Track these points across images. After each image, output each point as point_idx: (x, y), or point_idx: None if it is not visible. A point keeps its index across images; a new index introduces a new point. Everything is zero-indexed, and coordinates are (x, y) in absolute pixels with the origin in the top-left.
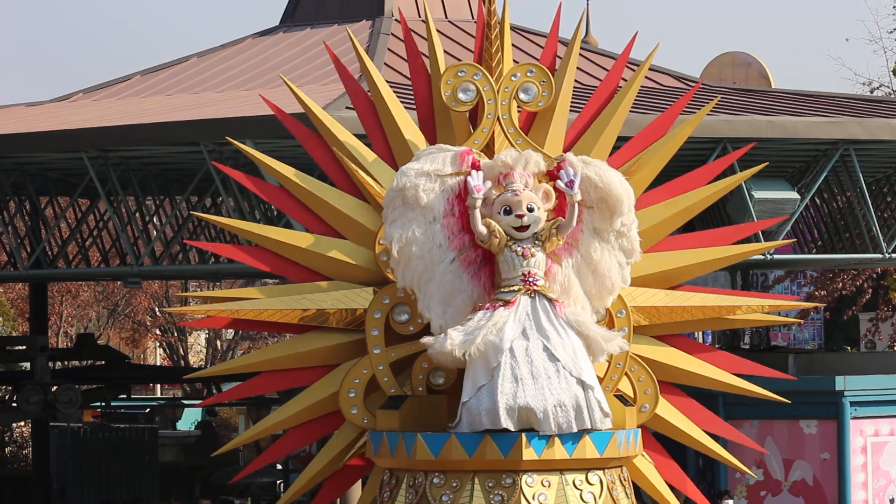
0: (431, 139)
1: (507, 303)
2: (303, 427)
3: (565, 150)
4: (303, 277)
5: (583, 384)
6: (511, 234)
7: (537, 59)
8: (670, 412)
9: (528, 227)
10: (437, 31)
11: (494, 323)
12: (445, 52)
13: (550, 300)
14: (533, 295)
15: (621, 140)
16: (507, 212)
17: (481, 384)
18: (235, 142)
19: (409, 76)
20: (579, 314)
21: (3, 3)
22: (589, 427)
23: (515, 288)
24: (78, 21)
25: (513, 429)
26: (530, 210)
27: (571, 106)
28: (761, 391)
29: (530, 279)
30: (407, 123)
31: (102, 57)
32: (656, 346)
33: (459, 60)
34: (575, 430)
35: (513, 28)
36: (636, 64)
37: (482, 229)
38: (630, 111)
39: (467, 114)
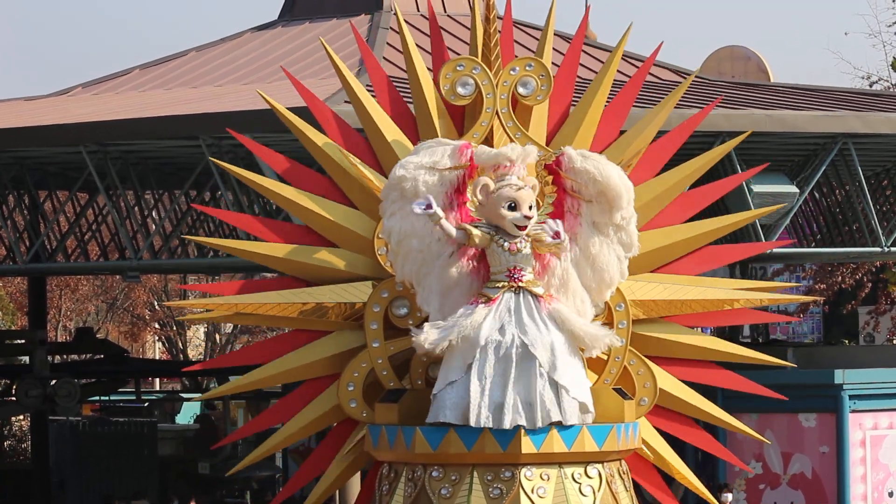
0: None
1: (488, 299)
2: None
3: (546, 142)
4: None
5: (555, 384)
6: (509, 229)
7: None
8: (676, 386)
9: (526, 226)
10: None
11: (472, 320)
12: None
13: (536, 296)
14: (518, 291)
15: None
16: (512, 208)
17: (452, 379)
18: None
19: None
20: (563, 310)
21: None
22: (540, 425)
23: (500, 284)
24: (77, 14)
25: (474, 425)
26: (530, 208)
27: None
28: (762, 356)
29: (515, 275)
30: (388, 125)
31: (101, 51)
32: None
33: (458, 55)
34: (536, 426)
35: (517, 24)
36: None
37: (457, 233)
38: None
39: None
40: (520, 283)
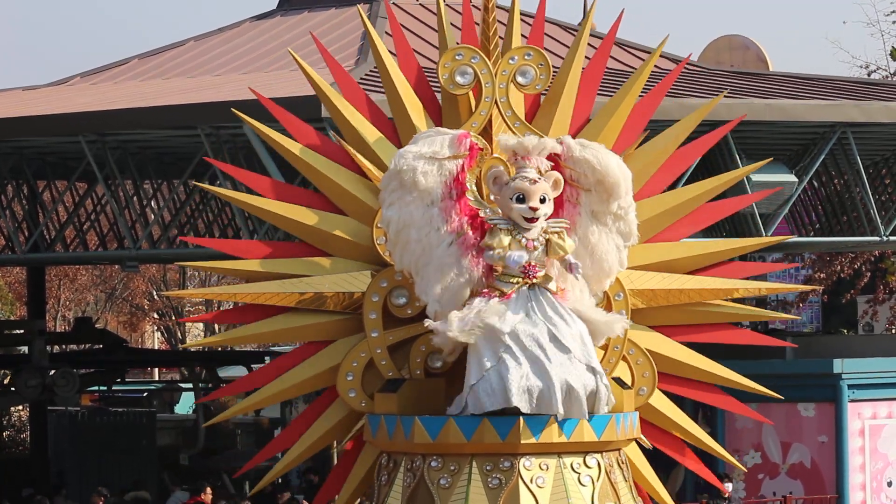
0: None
1: (503, 294)
2: (305, 418)
3: (574, 136)
4: (301, 252)
5: (593, 370)
6: (518, 221)
7: (546, 47)
8: (664, 404)
9: (537, 219)
10: (433, 13)
11: (496, 308)
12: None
13: (552, 293)
14: (532, 287)
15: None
16: (521, 200)
17: (488, 366)
18: (241, 114)
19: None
20: (579, 302)
21: None
22: (598, 412)
23: (514, 280)
24: (75, 3)
25: (525, 409)
26: (542, 201)
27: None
28: (755, 386)
29: (530, 271)
30: (415, 106)
31: (100, 40)
32: (647, 332)
33: (457, 44)
34: (586, 417)
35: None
36: (644, 50)
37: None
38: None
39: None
40: (534, 280)
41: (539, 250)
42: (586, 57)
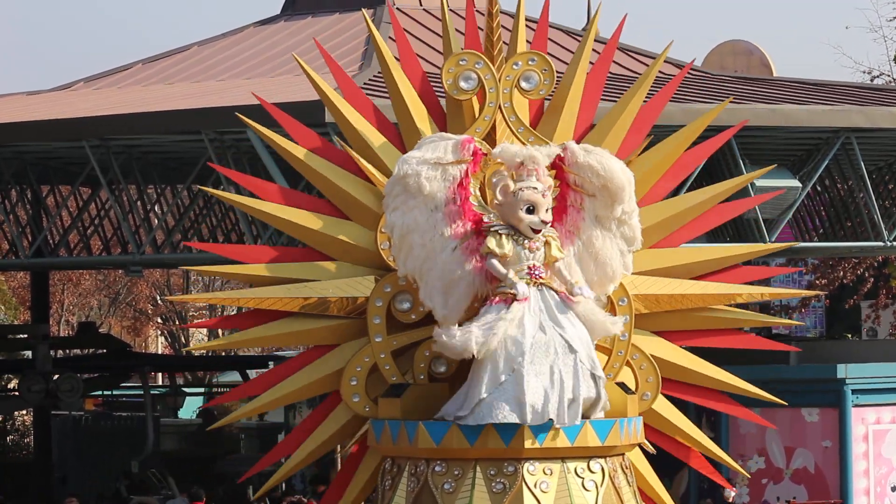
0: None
1: (515, 297)
2: (308, 423)
3: (578, 141)
4: (306, 257)
5: (595, 378)
6: (525, 231)
7: (550, 53)
8: (668, 410)
9: (542, 230)
10: (437, 19)
11: (513, 318)
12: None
13: (557, 291)
14: (540, 287)
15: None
16: (530, 211)
17: (503, 380)
18: (245, 119)
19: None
20: (584, 302)
21: None
22: (593, 417)
23: (522, 281)
24: (79, 8)
25: (531, 423)
26: (547, 211)
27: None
28: (758, 392)
29: (536, 272)
30: (420, 113)
31: (103, 45)
32: (650, 337)
33: (461, 49)
34: (577, 422)
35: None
36: (648, 55)
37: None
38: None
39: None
40: (541, 280)
41: (541, 251)
42: (590, 62)
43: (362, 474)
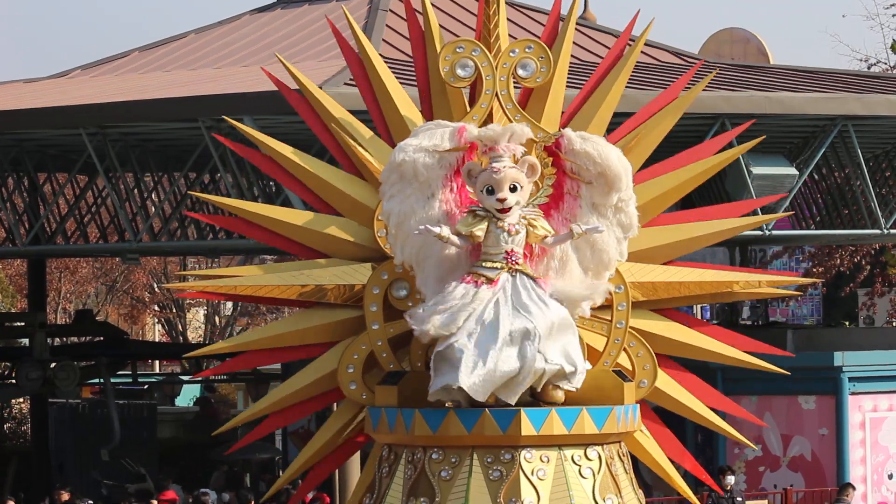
0: (428, 115)
1: (490, 280)
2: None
3: (562, 126)
4: (298, 252)
5: (545, 359)
6: (494, 214)
7: (537, 36)
8: (671, 386)
9: (510, 208)
10: (437, 7)
11: (475, 306)
12: (445, 27)
13: (533, 278)
14: (514, 273)
15: (619, 116)
16: (490, 191)
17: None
18: (232, 121)
19: (408, 53)
20: (559, 285)
21: None
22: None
23: (498, 265)
24: None
25: (476, 396)
26: (513, 189)
27: (568, 82)
28: (760, 363)
29: (513, 257)
30: (403, 100)
31: (100, 33)
32: (654, 321)
33: (458, 37)
34: (512, 402)
35: (512, 5)
36: (653, 45)
37: (461, 240)
38: (628, 87)
39: (465, 90)
40: (516, 266)
41: (521, 234)
42: (598, 56)
43: (370, 468)
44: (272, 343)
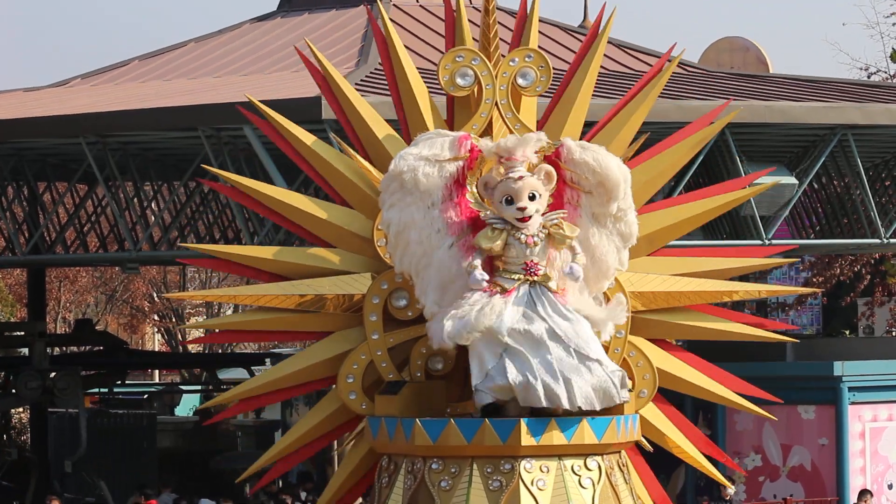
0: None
1: (504, 290)
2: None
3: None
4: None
5: (589, 359)
6: (514, 223)
7: (543, 49)
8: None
9: (530, 217)
10: (435, 16)
11: (492, 308)
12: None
13: (551, 290)
14: (533, 285)
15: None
16: (509, 202)
17: (489, 367)
18: (247, 112)
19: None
20: (579, 301)
21: None
22: (617, 402)
23: (515, 276)
24: (76, 5)
25: (536, 404)
26: (532, 198)
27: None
28: (751, 406)
29: (532, 268)
30: (428, 108)
31: (100, 42)
32: (647, 348)
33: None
34: (598, 407)
35: (512, 14)
36: (646, 52)
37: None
38: (604, 95)
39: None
40: (535, 277)
41: (540, 245)
42: (570, 51)
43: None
44: (284, 383)
